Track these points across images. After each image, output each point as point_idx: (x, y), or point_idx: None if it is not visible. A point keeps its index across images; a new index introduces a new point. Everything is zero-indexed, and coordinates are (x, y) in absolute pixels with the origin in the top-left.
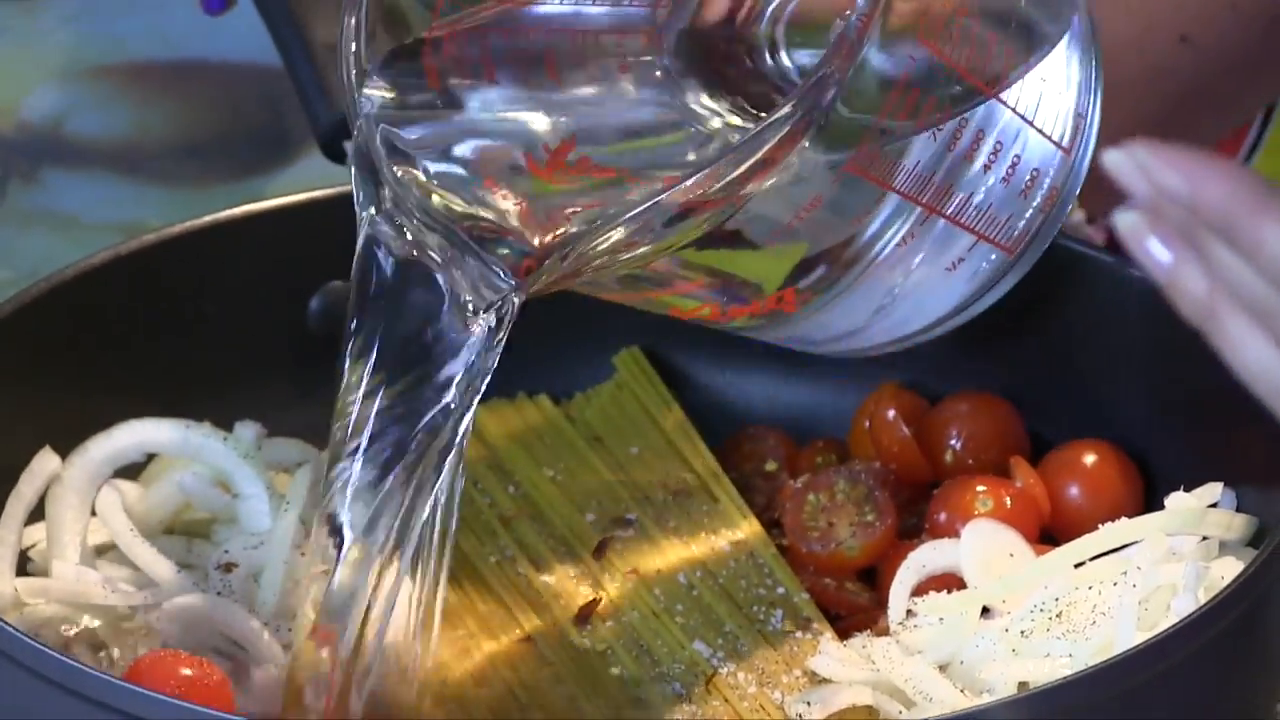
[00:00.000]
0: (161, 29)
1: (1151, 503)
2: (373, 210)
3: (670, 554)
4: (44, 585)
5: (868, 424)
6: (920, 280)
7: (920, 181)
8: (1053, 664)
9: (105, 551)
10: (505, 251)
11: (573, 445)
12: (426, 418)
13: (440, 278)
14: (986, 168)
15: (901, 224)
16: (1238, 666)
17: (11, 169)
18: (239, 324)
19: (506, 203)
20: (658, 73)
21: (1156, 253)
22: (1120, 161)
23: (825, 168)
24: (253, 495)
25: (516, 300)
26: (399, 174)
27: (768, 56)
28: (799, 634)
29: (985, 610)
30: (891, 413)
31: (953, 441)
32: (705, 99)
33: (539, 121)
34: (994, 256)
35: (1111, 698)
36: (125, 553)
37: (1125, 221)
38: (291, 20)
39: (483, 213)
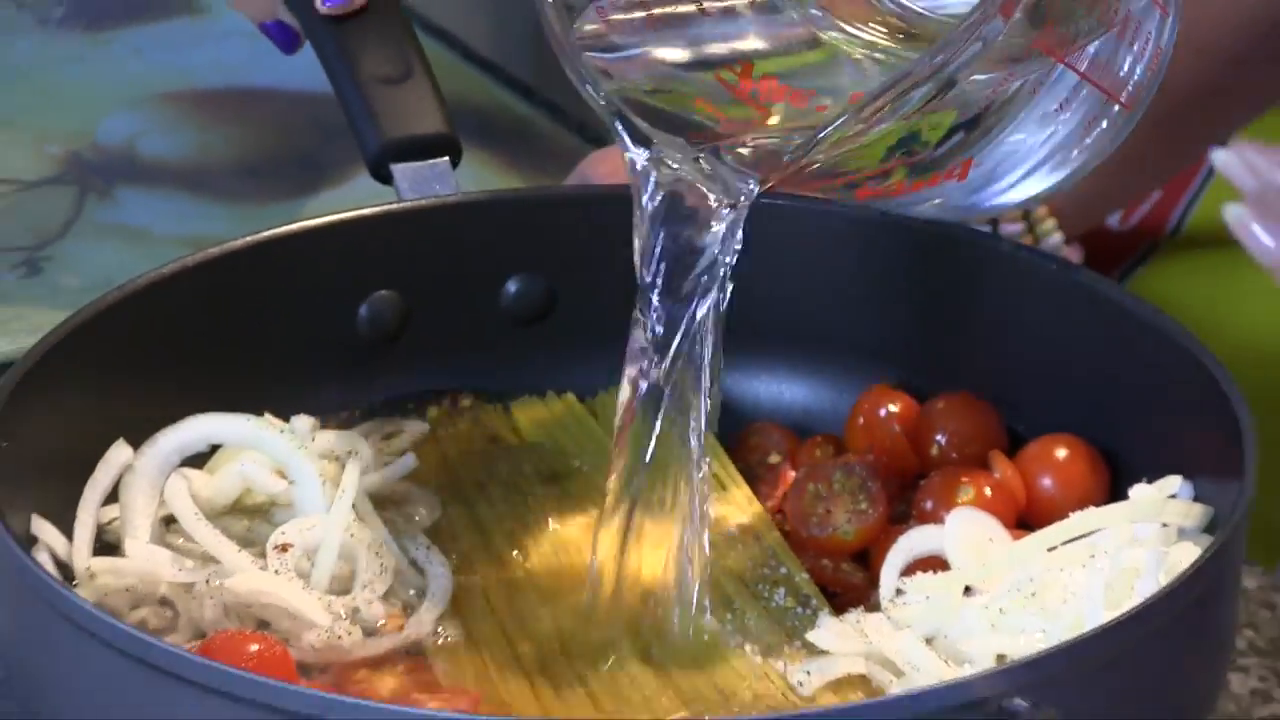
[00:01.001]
0: (223, 60)
1: (1117, 493)
2: (643, 151)
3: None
4: (117, 563)
5: (861, 421)
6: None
7: (1066, 42)
8: (1028, 639)
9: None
10: (743, 153)
11: (595, 437)
12: (698, 290)
13: (692, 191)
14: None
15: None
16: (1194, 641)
17: (88, 187)
18: (294, 328)
19: (724, 123)
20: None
21: (1262, 237)
22: (1230, 161)
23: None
24: (306, 481)
25: (754, 191)
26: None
27: None
28: (799, 610)
29: (967, 589)
30: (883, 411)
31: (938, 437)
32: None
33: (714, 48)
34: (1106, 106)
35: (1081, 670)
36: (190, 534)
37: (1233, 213)
38: (341, 53)
39: (716, 129)
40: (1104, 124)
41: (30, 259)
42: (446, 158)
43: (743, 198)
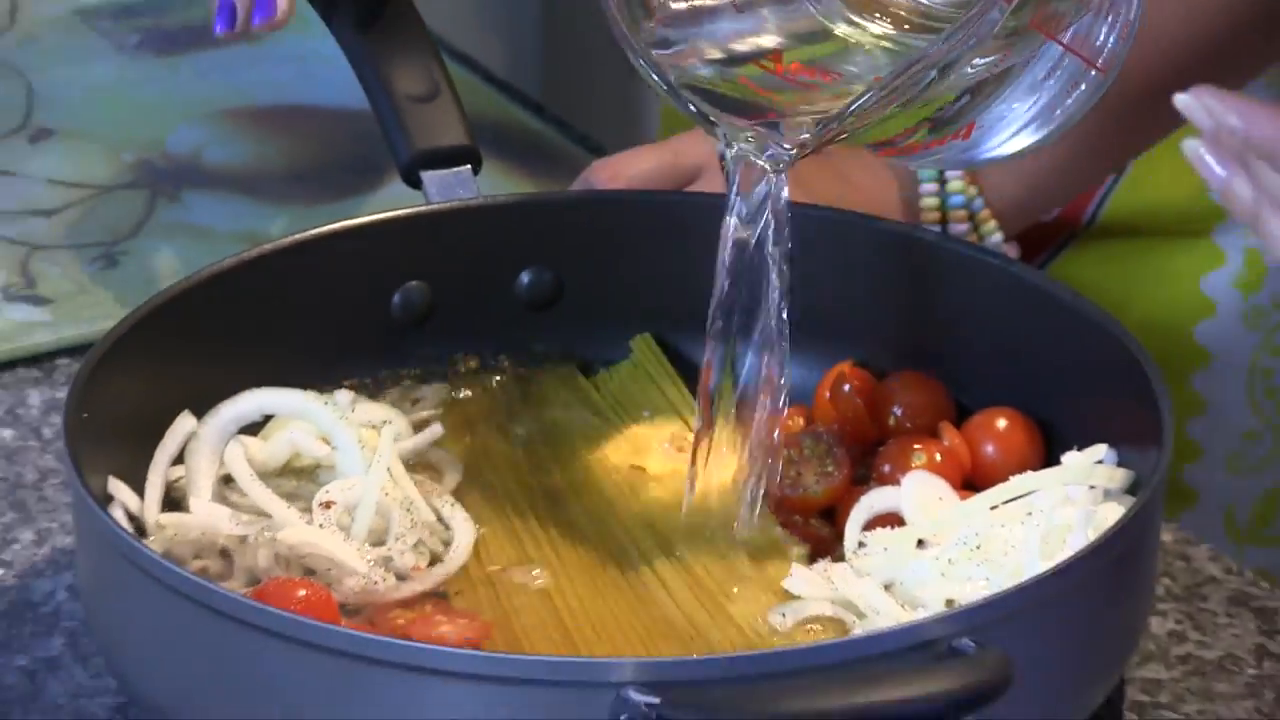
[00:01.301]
0: (277, 81)
1: (1050, 459)
2: (721, 136)
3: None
4: (183, 518)
5: (828, 395)
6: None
7: (1056, 20)
8: (974, 586)
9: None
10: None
11: (594, 406)
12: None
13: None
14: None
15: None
16: (1119, 588)
17: (158, 191)
18: (337, 314)
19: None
20: None
21: (1213, 167)
22: (1189, 103)
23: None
24: (347, 447)
25: (794, 156)
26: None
27: None
28: (775, 560)
29: (920, 542)
30: (847, 386)
31: (894, 409)
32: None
33: (747, 41)
34: (1085, 72)
35: (1021, 613)
36: (246, 492)
37: (1189, 146)
38: (378, 75)
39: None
40: (1083, 87)
41: (108, 253)
42: (469, 166)
43: (784, 163)
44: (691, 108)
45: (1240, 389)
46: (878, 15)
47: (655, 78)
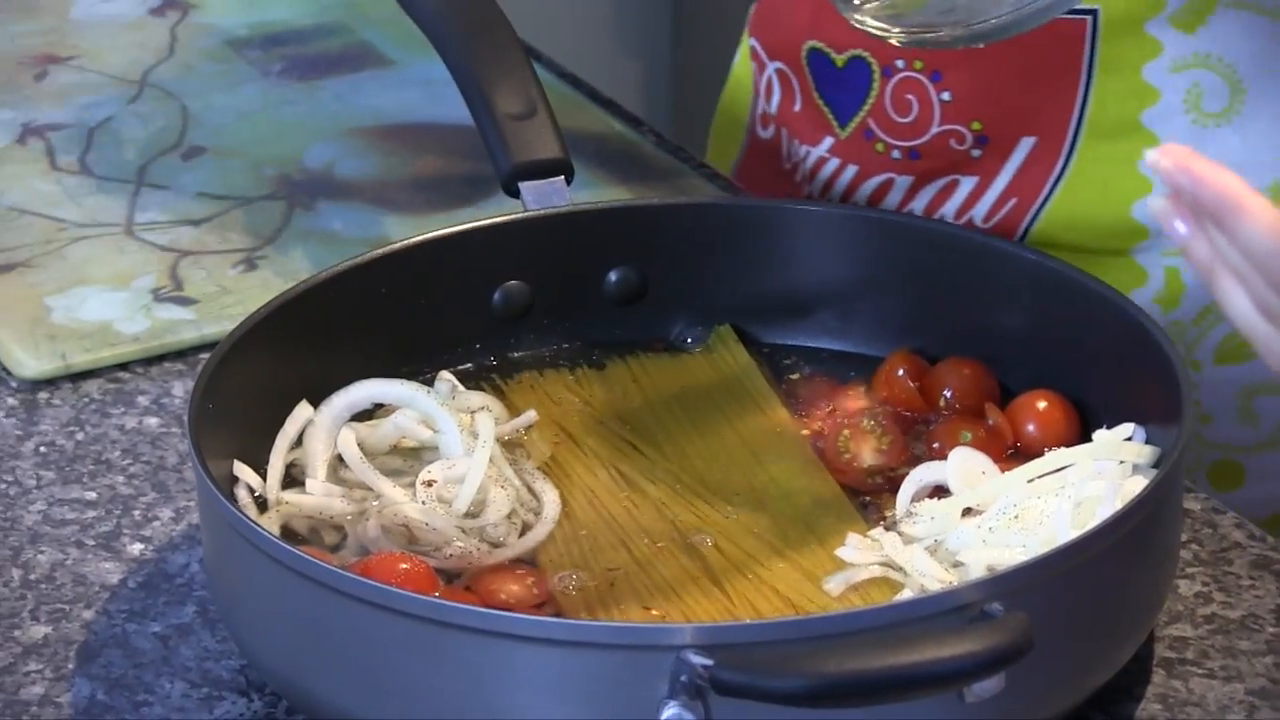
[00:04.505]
0: (401, 102)
1: (1084, 436)
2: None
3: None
4: (301, 497)
5: (884, 378)
6: None
7: None
8: (1012, 552)
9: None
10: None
11: (678, 392)
12: None
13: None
14: None
15: None
16: (1144, 555)
17: (295, 201)
18: (443, 310)
19: None
20: None
21: (1178, 227)
22: (1155, 160)
23: None
24: (448, 431)
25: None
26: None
27: None
28: (834, 530)
29: (965, 512)
30: (901, 371)
31: (944, 392)
32: None
33: None
34: None
35: (1055, 577)
36: (357, 474)
37: (1157, 205)
38: (481, 96)
39: None
40: None
41: (249, 258)
42: (562, 177)
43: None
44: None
45: None
46: None
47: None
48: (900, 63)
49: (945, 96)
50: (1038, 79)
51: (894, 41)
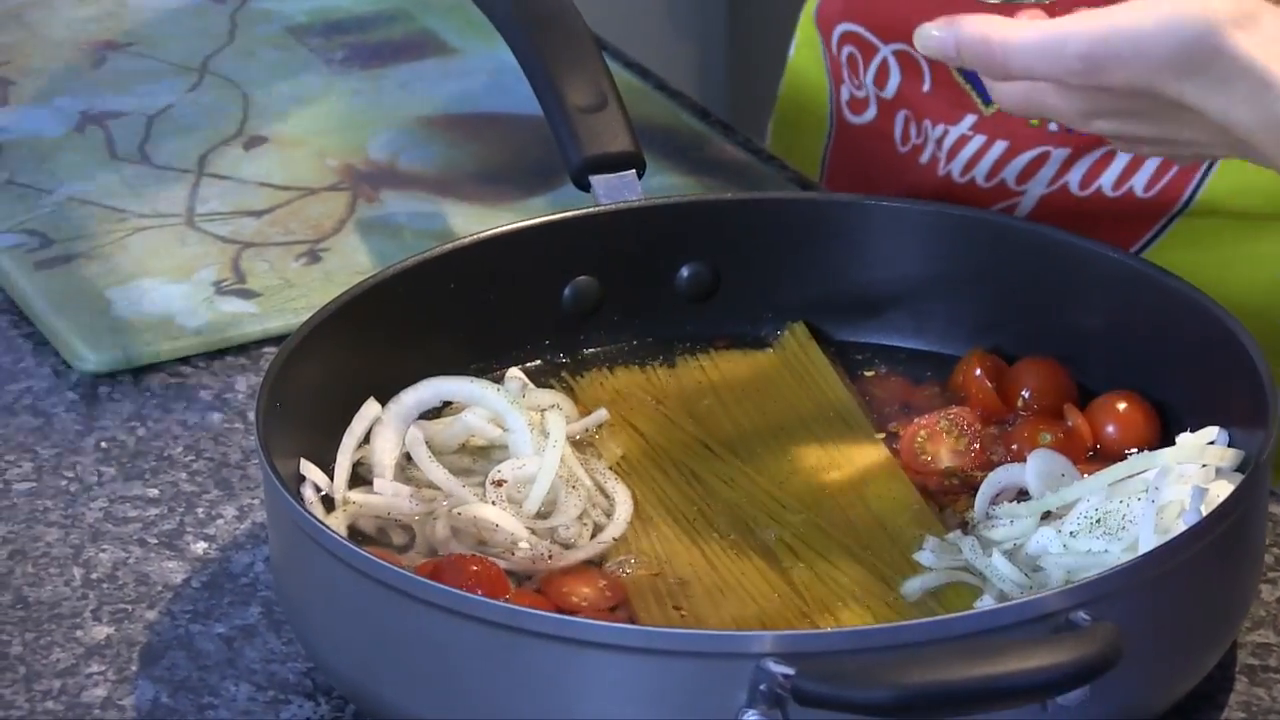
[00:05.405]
0: (467, 91)
1: (1166, 439)
2: None
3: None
4: (368, 496)
5: (962, 379)
6: None
7: None
8: (1093, 558)
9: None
10: None
11: (748, 389)
12: None
13: None
14: None
15: None
16: (1229, 561)
17: (359, 192)
18: (513, 305)
19: None
20: None
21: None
22: (927, 33)
23: None
24: (518, 430)
25: None
26: None
27: None
28: (911, 534)
29: (1045, 516)
30: (979, 371)
31: (1023, 393)
32: None
33: None
34: None
35: (1140, 584)
36: (425, 472)
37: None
38: (552, 89)
39: None
40: None
41: (311, 250)
42: (633, 170)
43: None
44: None
45: None
46: None
47: None
48: None
49: None
50: None
51: None
